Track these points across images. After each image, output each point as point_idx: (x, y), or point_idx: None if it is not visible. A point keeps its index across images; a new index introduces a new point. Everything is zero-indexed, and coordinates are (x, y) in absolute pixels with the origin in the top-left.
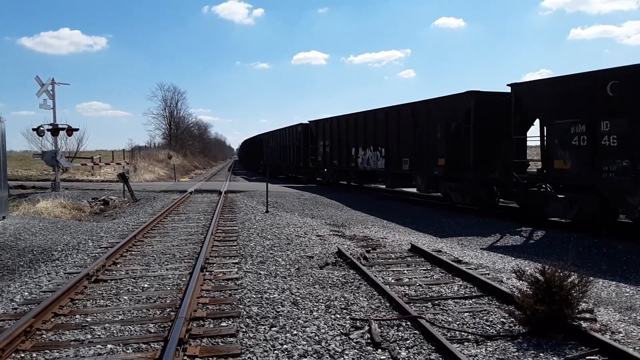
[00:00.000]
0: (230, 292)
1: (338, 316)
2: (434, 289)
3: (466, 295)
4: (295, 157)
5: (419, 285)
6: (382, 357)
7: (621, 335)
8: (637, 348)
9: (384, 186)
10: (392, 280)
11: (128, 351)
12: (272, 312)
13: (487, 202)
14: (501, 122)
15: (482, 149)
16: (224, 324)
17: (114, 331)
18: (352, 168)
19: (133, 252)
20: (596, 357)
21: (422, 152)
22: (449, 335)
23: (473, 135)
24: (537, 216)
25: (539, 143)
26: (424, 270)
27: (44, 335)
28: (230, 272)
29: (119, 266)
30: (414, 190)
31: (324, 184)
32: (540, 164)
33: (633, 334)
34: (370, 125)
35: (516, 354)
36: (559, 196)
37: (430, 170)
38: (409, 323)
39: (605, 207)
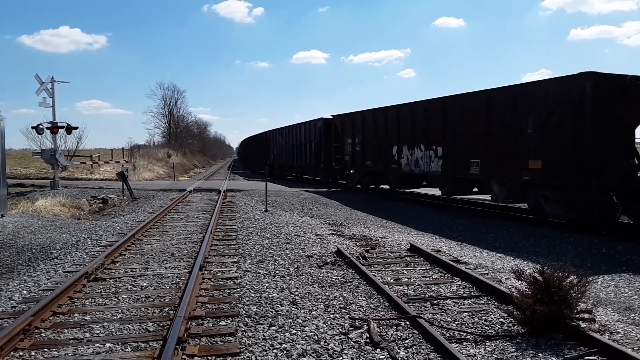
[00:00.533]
0: (229, 291)
1: (337, 315)
2: (433, 288)
3: (465, 295)
4: (314, 156)
5: (418, 284)
6: (381, 357)
7: (620, 335)
8: (635, 348)
9: (434, 192)
10: (391, 280)
11: (127, 350)
12: (271, 312)
13: (605, 218)
14: (626, 112)
15: (601, 148)
16: (223, 323)
17: (113, 330)
18: (392, 170)
19: (132, 251)
20: (595, 358)
21: (502, 152)
22: (447, 335)
23: (592, 129)
24: None
25: None
26: (423, 269)
27: (42, 334)
28: (229, 271)
29: (117, 265)
30: (486, 197)
31: (351, 188)
32: None
33: (632, 334)
34: (420, 119)
35: (515, 354)
36: None
37: (515, 174)
38: (407, 323)
39: None
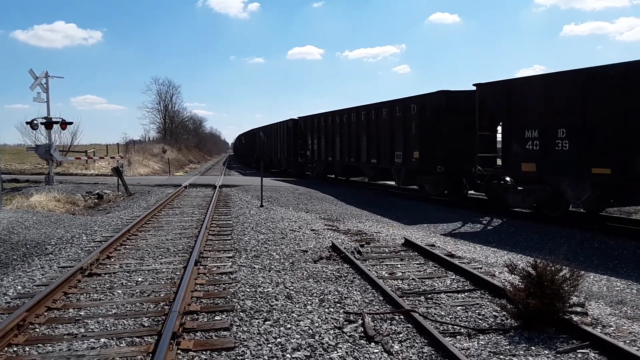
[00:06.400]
0: (224, 286)
1: (332, 310)
2: (427, 282)
3: (459, 289)
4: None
5: (412, 279)
6: (375, 351)
7: (612, 329)
8: (627, 341)
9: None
10: (386, 274)
11: (121, 345)
12: (266, 306)
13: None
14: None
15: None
16: (217, 317)
17: (108, 325)
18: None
19: (127, 246)
20: (587, 351)
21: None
22: (441, 328)
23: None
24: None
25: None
26: (417, 264)
27: (37, 329)
28: (224, 266)
29: (113, 260)
30: (392, 183)
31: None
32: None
33: (623, 327)
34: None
35: (508, 347)
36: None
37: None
38: (402, 317)
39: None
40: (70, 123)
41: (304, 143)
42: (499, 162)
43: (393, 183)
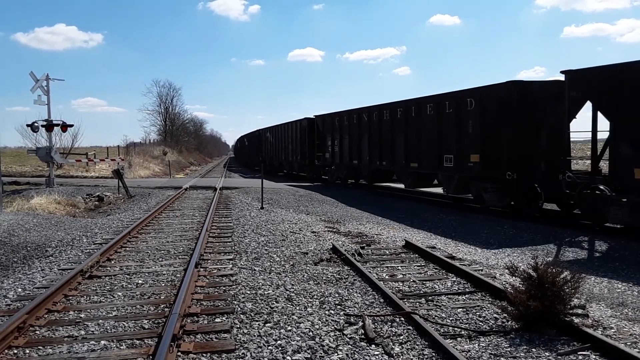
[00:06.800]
0: (224, 288)
1: (332, 312)
2: (427, 285)
3: (459, 291)
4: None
5: (413, 281)
6: (376, 353)
7: (613, 330)
8: (628, 343)
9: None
10: (386, 276)
11: (122, 347)
12: (267, 308)
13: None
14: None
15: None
16: (218, 320)
17: (108, 327)
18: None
19: (127, 249)
20: (588, 353)
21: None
22: (442, 330)
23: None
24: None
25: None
26: (417, 266)
27: (37, 332)
28: (224, 268)
29: (113, 262)
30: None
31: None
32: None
33: (624, 329)
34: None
35: (509, 349)
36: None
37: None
38: (402, 319)
39: None
40: (71, 125)
41: (321, 144)
42: (574, 166)
43: (433, 190)
